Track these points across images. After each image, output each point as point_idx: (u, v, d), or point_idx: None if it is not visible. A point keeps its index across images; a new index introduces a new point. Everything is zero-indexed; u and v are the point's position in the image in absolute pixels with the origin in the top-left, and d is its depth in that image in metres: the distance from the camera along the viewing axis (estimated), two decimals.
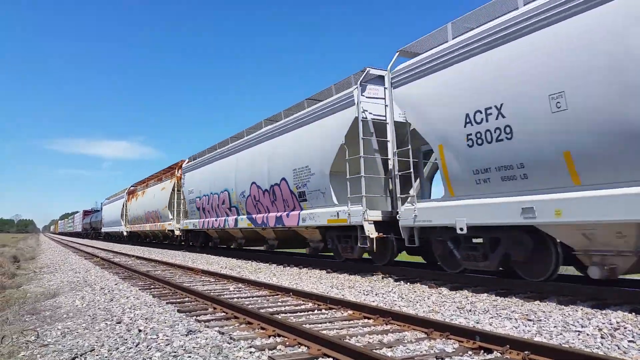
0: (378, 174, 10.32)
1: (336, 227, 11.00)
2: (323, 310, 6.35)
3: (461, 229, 7.62)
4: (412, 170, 8.97)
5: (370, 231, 9.60)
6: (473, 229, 7.62)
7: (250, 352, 4.30)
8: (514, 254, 7.29)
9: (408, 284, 8.50)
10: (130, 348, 4.61)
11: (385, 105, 10.03)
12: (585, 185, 5.96)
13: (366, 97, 10.07)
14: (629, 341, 4.36)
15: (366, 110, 10.03)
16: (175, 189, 21.92)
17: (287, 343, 4.58)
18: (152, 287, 9.37)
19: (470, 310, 6.03)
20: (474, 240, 8.09)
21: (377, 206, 10.13)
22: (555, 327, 4.98)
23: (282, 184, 12.95)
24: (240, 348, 4.43)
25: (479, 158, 7.24)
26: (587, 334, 4.63)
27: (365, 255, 11.02)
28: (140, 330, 5.31)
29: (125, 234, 34.68)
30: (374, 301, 6.93)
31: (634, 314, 5.36)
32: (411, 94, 8.56)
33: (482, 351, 4.21)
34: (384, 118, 10.10)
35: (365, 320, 5.62)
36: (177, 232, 21.90)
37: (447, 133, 7.77)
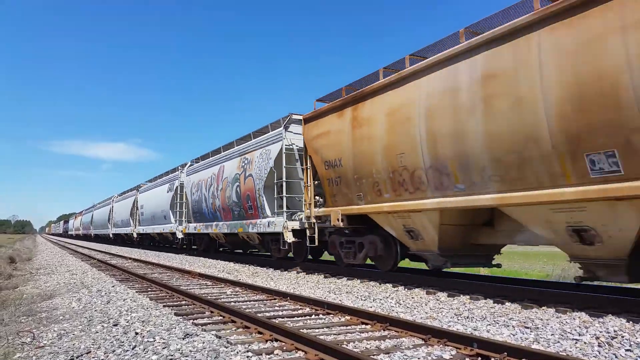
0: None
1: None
2: (320, 315, 6.34)
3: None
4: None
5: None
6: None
7: (247, 357, 4.29)
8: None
9: (406, 289, 8.49)
10: (127, 351, 4.60)
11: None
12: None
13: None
14: (626, 350, 4.36)
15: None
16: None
17: (285, 348, 4.57)
18: (149, 289, 9.35)
19: (467, 317, 6.02)
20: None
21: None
22: (552, 335, 4.98)
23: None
24: (238, 352, 4.42)
25: None
26: (585, 343, 4.63)
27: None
28: (137, 333, 5.29)
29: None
30: (371, 307, 6.92)
31: (631, 322, 5.36)
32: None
33: (479, 358, 4.20)
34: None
35: (363, 326, 5.61)
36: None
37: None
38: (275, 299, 7.84)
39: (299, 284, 9.77)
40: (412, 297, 7.65)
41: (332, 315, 6.30)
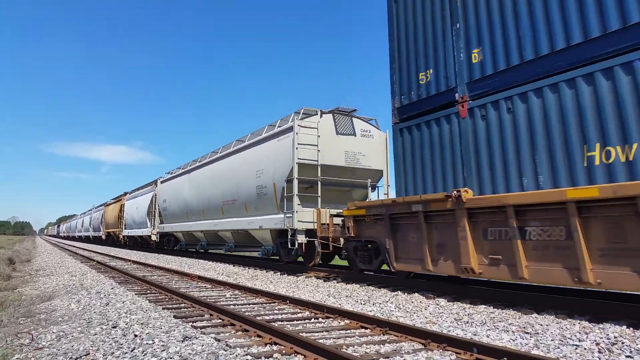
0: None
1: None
2: (320, 319, 6.33)
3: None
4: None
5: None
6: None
7: None
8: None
9: (405, 294, 8.48)
10: (126, 353, 4.59)
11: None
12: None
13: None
14: (627, 356, 4.34)
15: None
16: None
17: (284, 351, 4.56)
18: (148, 292, 9.33)
19: (467, 322, 6.01)
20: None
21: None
22: (552, 340, 4.96)
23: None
24: (237, 356, 4.41)
25: None
26: (585, 348, 4.62)
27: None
28: (136, 336, 5.28)
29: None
30: (371, 311, 6.91)
31: (631, 329, 5.35)
32: None
33: None
34: None
35: (362, 330, 5.60)
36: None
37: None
38: (274, 302, 7.83)
39: (298, 288, 9.75)
40: (412, 302, 7.64)
41: (331, 319, 6.28)
